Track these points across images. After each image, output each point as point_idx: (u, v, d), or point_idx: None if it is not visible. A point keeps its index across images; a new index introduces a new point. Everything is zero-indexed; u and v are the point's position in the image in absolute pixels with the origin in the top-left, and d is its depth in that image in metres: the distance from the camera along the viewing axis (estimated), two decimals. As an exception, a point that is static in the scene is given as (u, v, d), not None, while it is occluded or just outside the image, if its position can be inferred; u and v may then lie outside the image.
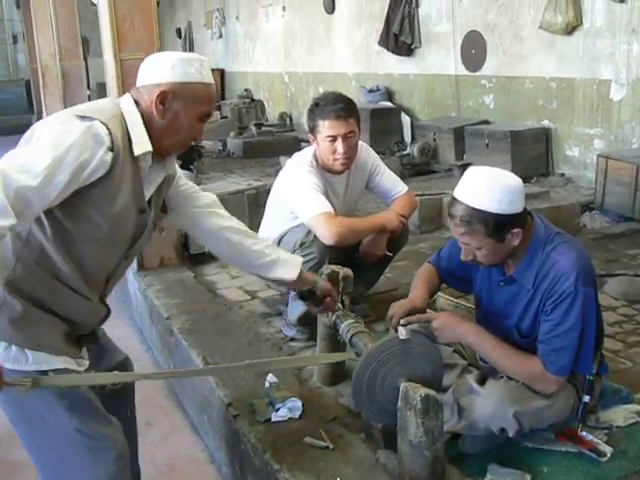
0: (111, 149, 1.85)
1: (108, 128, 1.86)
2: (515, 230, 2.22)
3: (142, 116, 1.98)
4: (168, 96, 1.97)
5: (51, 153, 1.74)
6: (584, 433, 2.40)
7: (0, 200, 1.62)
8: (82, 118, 1.85)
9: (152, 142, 1.98)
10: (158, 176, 2.10)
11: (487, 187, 2.16)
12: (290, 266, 2.47)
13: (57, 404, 1.93)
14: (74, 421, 1.94)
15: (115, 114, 1.94)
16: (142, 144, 1.96)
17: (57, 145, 1.76)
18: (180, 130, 2.03)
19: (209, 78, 2.05)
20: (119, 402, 2.24)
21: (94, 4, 7.88)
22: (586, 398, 2.37)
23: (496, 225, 2.18)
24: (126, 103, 2.01)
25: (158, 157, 2.05)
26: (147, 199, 2.07)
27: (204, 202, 2.43)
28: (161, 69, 1.99)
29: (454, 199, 2.23)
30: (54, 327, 1.96)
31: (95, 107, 1.97)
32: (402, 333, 2.27)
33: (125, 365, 2.32)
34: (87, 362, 2.05)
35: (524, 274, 2.31)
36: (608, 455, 2.31)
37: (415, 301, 2.48)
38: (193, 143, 2.25)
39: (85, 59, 11.47)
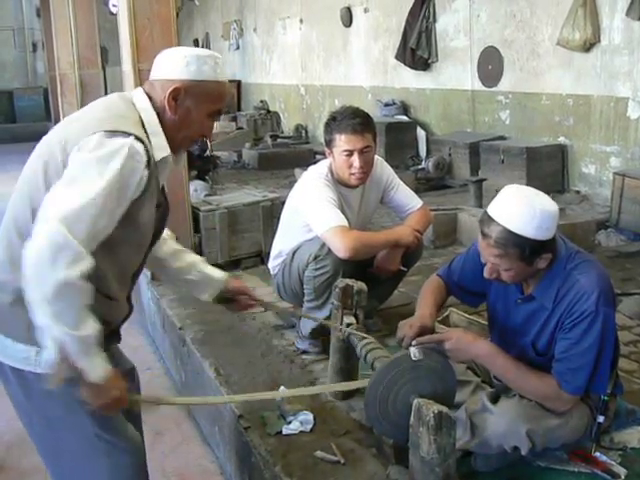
0: (148, 162, 1.88)
1: (142, 141, 1.87)
2: (545, 255, 2.22)
3: (156, 113, 2.00)
4: (180, 93, 1.98)
5: (102, 185, 1.76)
6: (598, 454, 2.37)
7: (73, 246, 1.69)
8: (113, 134, 1.84)
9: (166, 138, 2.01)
10: (167, 170, 2.12)
11: (528, 213, 2.14)
12: (204, 289, 2.45)
13: (80, 409, 1.92)
14: (95, 427, 1.95)
15: (136, 120, 1.95)
16: (163, 149, 1.98)
17: (106, 176, 1.77)
18: (190, 126, 2.05)
19: (222, 76, 2.07)
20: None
21: (113, 14, 7.95)
22: (600, 418, 2.35)
23: (531, 250, 2.17)
24: (140, 101, 2.01)
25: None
26: None
27: None
28: (176, 65, 2.00)
29: (490, 218, 2.20)
30: None
31: (115, 113, 1.95)
32: (415, 354, 2.25)
33: (133, 373, 2.33)
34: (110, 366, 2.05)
35: (544, 293, 2.30)
36: (622, 477, 2.29)
37: (424, 320, 2.43)
38: (206, 153, 2.27)
39: (103, 68, 11.55)
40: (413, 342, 2.29)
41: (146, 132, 1.95)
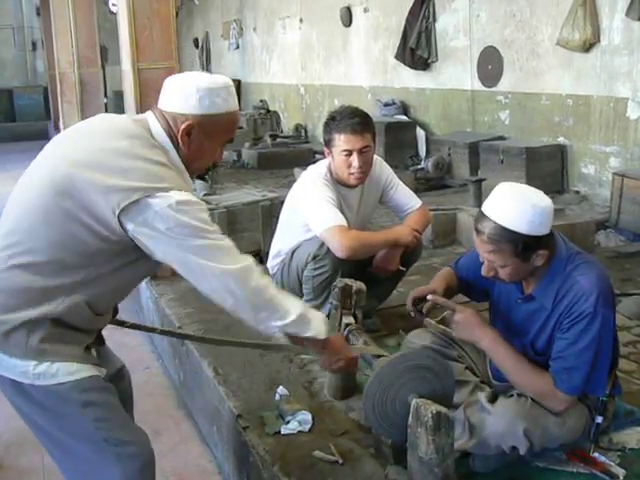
0: None
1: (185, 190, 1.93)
2: (541, 251, 2.21)
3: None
4: (194, 128, 1.99)
5: (208, 231, 2.01)
6: (596, 454, 2.37)
7: (241, 268, 2.07)
8: (167, 192, 1.87)
9: None
10: None
11: (519, 208, 2.14)
12: None
13: (83, 415, 1.94)
14: (101, 432, 1.95)
15: (166, 163, 1.96)
16: (189, 186, 2.04)
17: (206, 226, 1.99)
18: (203, 157, 2.09)
19: (234, 105, 2.06)
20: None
21: (113, 13, 7.96)
22: (599, 419, 2.35)
23: (525, 246, 2.17)
24: (159, 134, 2.00)
25: None
26: None
27: None
28: (188, 98, 1.98)
29: (483, 214, 2.22)
30: (77, 339, 1.98)
31: (150, 159, 1.93)
32: (418, 317, 2.28)
33: (123, 373, 2.33)
34: (105, 370, 2.06)
35: (544, 293, 2.30)
36: (621, 477, 2.28)
37: (434, 288, 2.52)
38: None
39: (103, 67, 11.56)
40: (429, 296, 2.38)
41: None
